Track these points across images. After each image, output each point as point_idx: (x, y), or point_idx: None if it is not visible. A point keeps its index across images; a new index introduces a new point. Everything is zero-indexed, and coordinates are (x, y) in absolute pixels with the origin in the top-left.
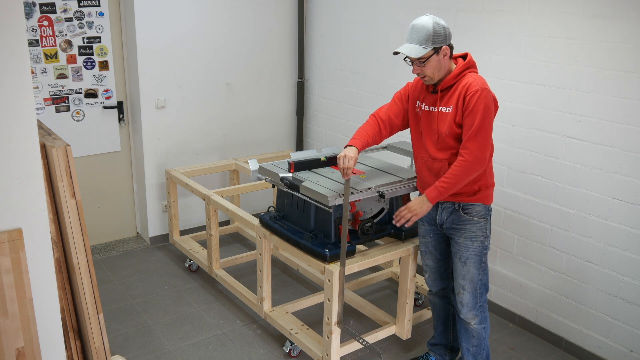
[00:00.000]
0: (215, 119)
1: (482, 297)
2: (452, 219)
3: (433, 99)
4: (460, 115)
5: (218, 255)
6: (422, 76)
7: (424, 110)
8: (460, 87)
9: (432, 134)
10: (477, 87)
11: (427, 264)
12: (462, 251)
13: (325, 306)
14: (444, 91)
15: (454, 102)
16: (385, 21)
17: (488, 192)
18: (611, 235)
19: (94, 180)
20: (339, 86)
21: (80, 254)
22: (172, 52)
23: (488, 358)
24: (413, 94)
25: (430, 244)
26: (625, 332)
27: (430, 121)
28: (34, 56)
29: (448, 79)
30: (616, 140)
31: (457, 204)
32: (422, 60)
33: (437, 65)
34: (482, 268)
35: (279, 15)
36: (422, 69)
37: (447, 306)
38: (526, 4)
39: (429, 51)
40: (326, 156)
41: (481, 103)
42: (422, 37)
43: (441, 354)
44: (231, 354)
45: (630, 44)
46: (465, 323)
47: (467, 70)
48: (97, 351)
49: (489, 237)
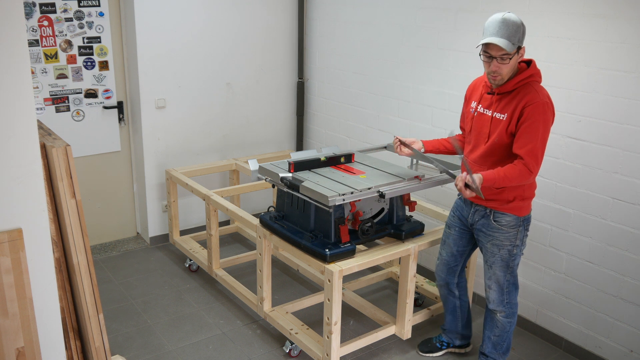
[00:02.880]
0: (215, 119)
1: (509, 294)
2: (482, 222)
3: (489, 101)
4: (514, 126)
5: (218, 255)
6: (496, 75)
7: (478, 112)
8: (519, 97)
9: (482, 138)
10: (537, 100)
11: (441, 253)
12: (489, 255)
13: (325, 306)
14: (501, 94)
15: (509, 111)
16: (385, 21)
17: (523, 203)
18: (611, 235)
19: (94, 180)
20: (339, 86)
21: (80, 254)
22: (172, 52)
23: (508, 350)
24: (471, 97)
25: (452, 236)
26: (625, 332)
27: (482, 124)
28: (34, 56)
29: (509, 84)
30: (616, 140)
31: (490, 210)
32: (507, 56)
33: (514, 65)
34: (510, 271)
35: (279, 15)
36: (501, 66)
37: (453, 299)
38: (526, 4)
39: (515, 49)
40: (326, 156)
41: (540, 118)
42: (512, 32)
43: (451, 337)
44: (231, 354)
45: (630, 44)
46: (492, 312)
47: (531, 79)
48: (97, 351)
49: (520, 246)
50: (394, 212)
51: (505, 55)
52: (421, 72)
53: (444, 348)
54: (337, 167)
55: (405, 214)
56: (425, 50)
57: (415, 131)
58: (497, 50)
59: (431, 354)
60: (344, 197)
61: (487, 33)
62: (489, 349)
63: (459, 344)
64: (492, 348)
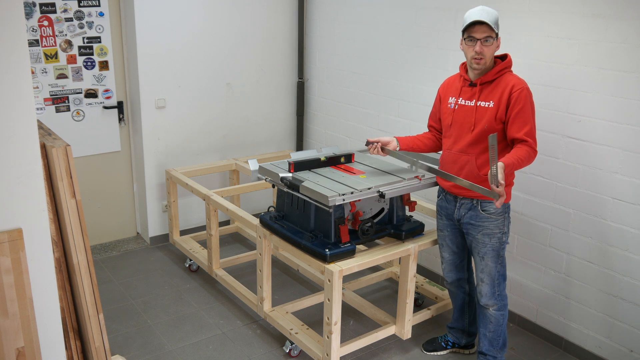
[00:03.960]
0: (215, 119)
1: (499, 286)
2: (470, 215)
3: (471, 92)
4: (504, 112)
5: (218, 255)
6: (480, 58)
7: (460, 105)
8: (502, 85)
9: (466, 127)
10: (521, 85)
11: (443, 256)
12: (480, 247)
13: (325, 306)
14: (483, 84)
15: (495, 98)
16: (385, 21)
17: (508, 190)
18: (611, 235)
19: (94, 180)
20: (339, 86)
21: (80, 254)
22: (172, 52)
23: (505, 345)
24: (445, 94)
25: (447, 237)
26: (625, 332)
27: (465, 115)
28: (34, 56)
29: (490, 74)
30: (616, 140)
31: (476, 200)
32: (490, 38)
33: (493, 51)
34: (500, 261)
35: (279, 15)
36: (484, 49)
37: (462, 295)
38: (526, 4)
39: (495, 33)
40: (326, 156)
41: (528, 101)
42: (493, 18)
43: (457, 336)
44: (231, 354)
45: (630, 44)
46: (484, 309)
47: (506, 70)
48: (97, 351)
49: (507, 233)
50: (394, 212)
51: (489, 37)
52: (421, 72)
53: (449, 347)
54: (337, 167)
55: (405, 214)
56: (425, 50)
57: (415, 131)
58: (482, 32)
59: (435, 353)
60: (344, 197)
61: (471, 17)
62: (486, 347)
63: (465, 343)
64: (489, 345)
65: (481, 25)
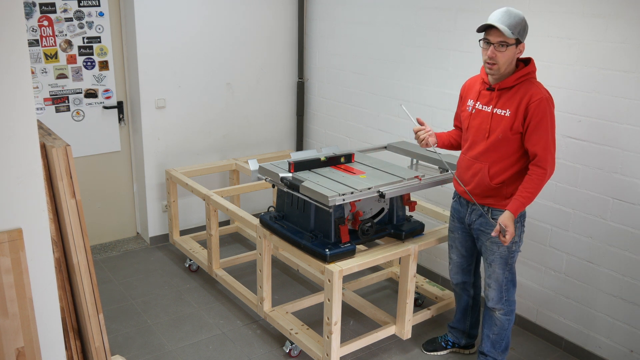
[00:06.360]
0: (215, 119)
1: (508, 292)
2: (480, 221)
3: (489, 97)
4: (520, 123)
5: (218, 255)
6: (492, 63)
7: (477, 109)
8: (521, 93)
9: (481, 134)
10: (540, 95)
11: (451, 257)
12: (488, 254)
13: (325, 306)
14: (502, 90)
15: (513, 107)
16: (385, 21)
17: None
18: (611, 235)
19: (94, 180)
20: (339, 86)
21: (80, 254)
22: (172, 52)
23: (507, 349)
24: (466, 95)
25: (457, 239)
26: (625, 332)
27: (481, 121)
28: (34, 56)
29: (509, 80)
30: (616, 140)
31: (487, 208)
32: (504, 44)
33: (511, 58)
34: (508, 269)
35: (279, 15)
36: (498, 54)
37: (467, 298)
38: (526, 4)
39: (514, 39)
40: (326, 156)
41: (547, 113)
42: (514, 23)
43: (458, 336)
44: (231, 354)
45: (630, 44)
46: (490, 311)
47: (529, 76)
48: (97, 351)
49: (519, 242)
50: (394, 212)
51: (503, 42)
52: (421, 72)
53: (449, 347)
54: (337, 167)
55: (405, 214)
56: (425, 50)
57: None
58: (496, 36)
59: (435, 353)
60: (344, 197)
61: (488, 19)
62: (488, 348)
63: (465, 343)
64: (490, 347)
65: (496, 29)
